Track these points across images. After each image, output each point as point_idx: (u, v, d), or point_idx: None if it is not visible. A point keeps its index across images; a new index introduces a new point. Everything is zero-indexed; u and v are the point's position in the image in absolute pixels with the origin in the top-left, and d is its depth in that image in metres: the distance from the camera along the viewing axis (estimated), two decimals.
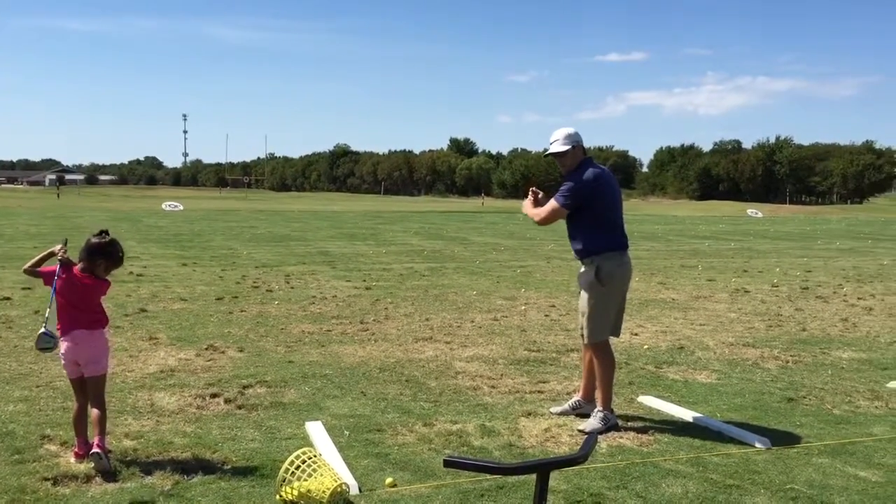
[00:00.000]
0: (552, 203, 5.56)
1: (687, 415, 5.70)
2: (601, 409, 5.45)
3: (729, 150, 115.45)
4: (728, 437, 5.24)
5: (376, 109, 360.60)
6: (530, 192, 5.85)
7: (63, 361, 4.63)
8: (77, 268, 4.62)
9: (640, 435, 5.26)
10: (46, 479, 4.25)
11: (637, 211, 55.22)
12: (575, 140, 5.55)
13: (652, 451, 4.96)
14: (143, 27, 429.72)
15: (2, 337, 7.92)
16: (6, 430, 5.05)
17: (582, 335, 5.67)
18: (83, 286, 4.58)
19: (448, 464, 2.24)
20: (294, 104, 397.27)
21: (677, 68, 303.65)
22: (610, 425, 5.36)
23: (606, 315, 5.52)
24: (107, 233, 4.70)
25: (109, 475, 4.31)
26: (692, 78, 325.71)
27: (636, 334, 8.68)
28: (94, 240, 4.63)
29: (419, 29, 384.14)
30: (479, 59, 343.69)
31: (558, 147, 5.55)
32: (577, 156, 5.56)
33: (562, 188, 5.53)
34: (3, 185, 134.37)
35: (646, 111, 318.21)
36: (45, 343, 4.63)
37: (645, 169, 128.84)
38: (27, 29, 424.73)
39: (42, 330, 4.61)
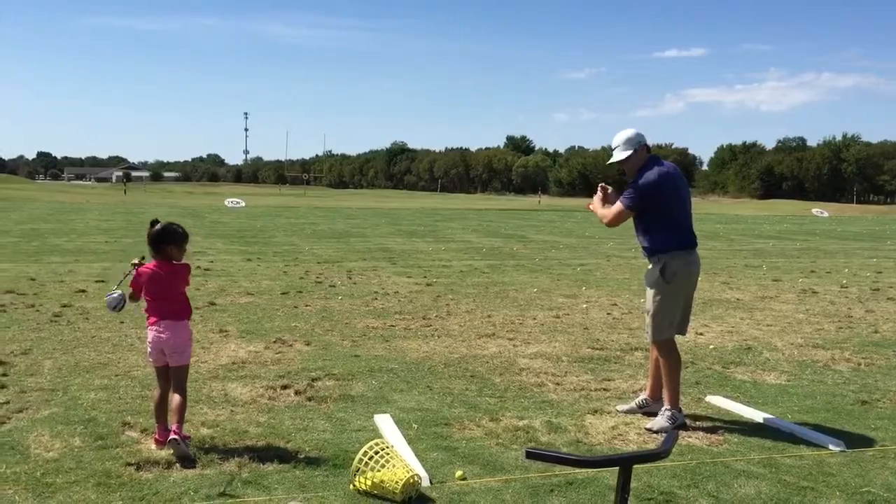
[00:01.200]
0: (618, 205, 5.55)
1: (757, 415, 5.62)
2: (668, 407, 5.42)
3: (793, 148, 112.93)
4: (800, 439, 5.16)
5: (433, 107, 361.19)
6: (599, 189, 5.84)
7: (149, 349, 4.79)
8: (153, 263, 4.77)
9: (709, 434, 5.22)
10: (129, 465, 4.41)
11: (697, 210, 54.14)
12: (636, 143, 5.53)
13: (722, 451, 4.91)
14: (204, 26, 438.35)
15: (80, 328, 8.20)
16: (89, 416, 5.25)
17: (647, 333, 5.64)
18: (164, 275, 4.72)
19: (530, 455, 2.26)
20: (352, 102, 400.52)
21: (738, 64, 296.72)
22: (678, 424, 5.33)
23: (671, 313, 5.48)
24: (157, 221, 4.83)
25: (188, 461, 4.45)
26: (753, 74, 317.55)
27: (701, 334, 8.58)
28: (152, 231, 4.75)
29: (475, 26, 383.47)
30: (535, 56, 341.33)
31: (619, 155, 5.57)
32: (641, 157, 5.54)
33: (627, 190, 5.52)
34: (72, 182, 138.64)
35: (705, 108, 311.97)
36: (114, 302, 4.81)
37: (705, 167, 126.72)
38: (92, 28, 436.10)
39: (111, 293, 4.81)
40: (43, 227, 23.72)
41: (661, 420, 5.37)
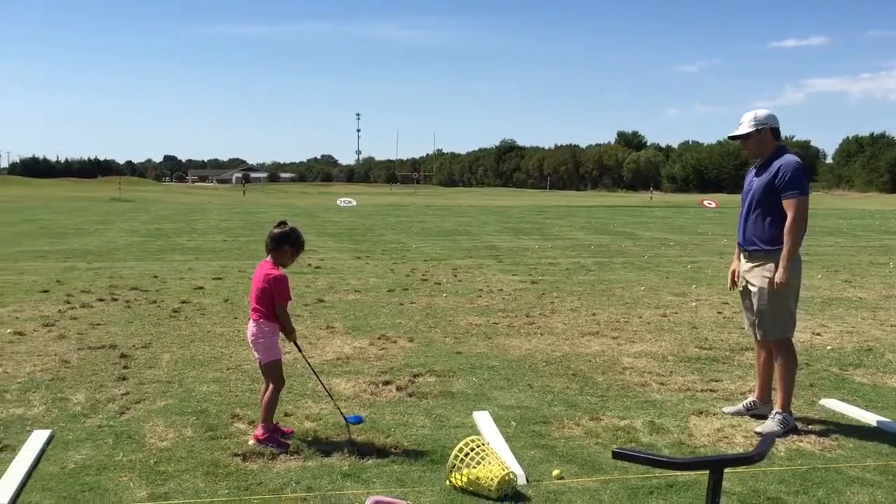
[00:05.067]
0: (793, 202, 5.08)
1: (875, 420, 5.33)
2: (780, 410, 5.20)
3: None
4: None
5: (542, 104, 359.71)
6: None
7: None
8: (266, 259, 4.91)
9: (821, 439, 4.99)
10: (236, 455, 4.59)
11: (819, 205, 51.96)
12: (762, 122, 5.26)
13: (835, 457, 4.68)
14: (316, 31, 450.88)
15: (196, 323, 8.58)
16: (201, 408, 5.49)
17: (755, 334, 5.42)
18: (261, 276, 4.84)
19: (617, 455, 2.23)
20: (461, 101, 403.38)
21: (862, 52, 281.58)
22: (788, 428, 5.11)
23: (792, 312, 5.26)
24: (286, 223, 4.98)
25: (285, 449, 4.61)
26: (880, 62, 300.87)
27: (818, 334, 8.20)
28: (277, 230, 4.91)
29: (583, 21, 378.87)
30: (646, 50, 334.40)
31: (740, 129, 5.32)
32: (765, 140, 5.28)
33: (786, 182, 5.10)
34: (196, 184, 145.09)
35: (828, 98, 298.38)
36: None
37: (829, 160, 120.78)
38: (211, 37, 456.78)
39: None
40: (167, 226, 24.92)
41: (771, 423, 5.16)
